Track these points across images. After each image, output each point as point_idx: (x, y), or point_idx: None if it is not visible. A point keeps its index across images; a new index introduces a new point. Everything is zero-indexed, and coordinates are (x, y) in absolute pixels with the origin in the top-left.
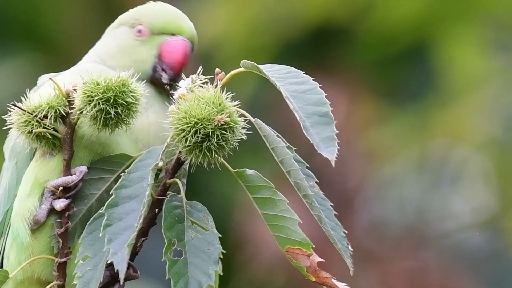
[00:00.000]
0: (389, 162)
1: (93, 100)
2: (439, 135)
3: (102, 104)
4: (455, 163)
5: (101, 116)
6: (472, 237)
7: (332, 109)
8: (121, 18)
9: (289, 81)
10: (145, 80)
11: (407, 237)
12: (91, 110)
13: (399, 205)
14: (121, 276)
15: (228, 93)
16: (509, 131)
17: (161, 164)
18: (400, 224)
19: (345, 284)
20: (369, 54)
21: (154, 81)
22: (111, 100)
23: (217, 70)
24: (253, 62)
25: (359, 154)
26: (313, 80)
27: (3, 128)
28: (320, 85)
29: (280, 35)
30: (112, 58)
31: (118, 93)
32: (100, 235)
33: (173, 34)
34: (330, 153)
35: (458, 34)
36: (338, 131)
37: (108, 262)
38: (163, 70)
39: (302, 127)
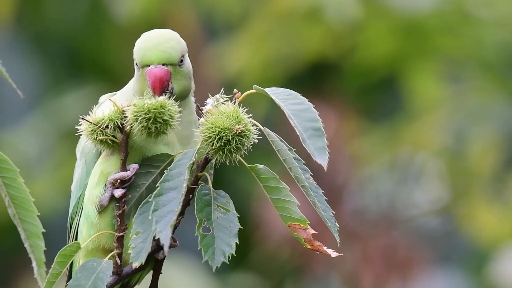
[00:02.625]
0: (368, 165)
1: (138, 119)
2: (405, 144)
3: (145, 122)
4: (418, 165)
5: (145, 131)
6: (430, 221)
7: (324, 125)
8: None
9: (290, 101)
10: (179, 101)
11: (382, 220)
12: (137, 126)
13: (375, 197)
14: (166, 249)
15: (244, 108)
16: (458, 142)
17: (193, 160)
18: (376, 211)
19: (333, 250)
20: (353, 83)
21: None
22: (151, 119)
23: (235, 90)
24: (262, 88)
25: (345, 158)
26: (308, 101)
27: (75, 134)
28: (314, 105)
29: (286, 69)
30: (135, 83)
31: (157, 113)
32: (149, 218)
33: (148, 65)
34: (322, 160)
35: (419, 69)
36: (328, 143)
37: (156, 238)
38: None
39: (301, 139)
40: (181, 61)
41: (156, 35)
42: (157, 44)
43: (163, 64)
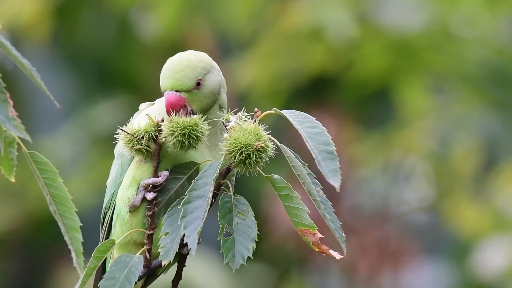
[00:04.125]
0: (364, 167)
1: (174, 133)
2: (396, 148)
3: (180, 137)
4: (407, 167)
5: (179, 144)
6: (419, 216)
7: (336, 148)
8: None
9: (306, 124)
10: (208, 120)
11: (376, 216)
12: (172, 140)
13: (370, 195)
14: (193, 252)
15: (263, 125)
16: (443, 147)
17: (218, 172)
18: (371, 207)
19: (337, 253)
20: (350, 95)
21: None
22: (186, 135)
23: (256, 109)
24: (281, 111)
25: (344, 161)
26: (322, 125)
27: (113, 142)
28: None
29: (291, 83)
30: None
31: (191, 130)
32: (178, 223)
33: (165, 91)
34: (335, 181)
35: (409, 82)
36: (340, 165)
37: (184, 242)
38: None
39: (316, 161)
40: (198, 84)
41: (174, 63)
42: (172, 73)
43: (177, 91)
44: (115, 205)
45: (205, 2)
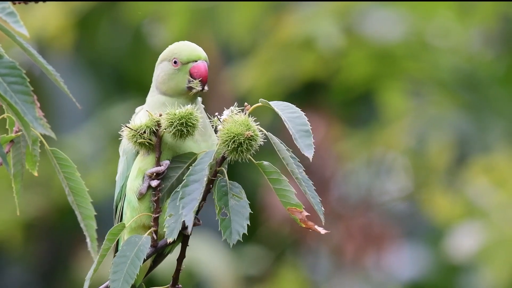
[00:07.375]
0: (350, 161)
1: (173, 124)
2: (379, 145)
3: (179, 126)
4: (388, 161)
5: (178, 133)
6: (398, 204)
7: (311, 127)
8: (162, 55)
9: (287, 111)
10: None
11: (361, 204)
12: (172, 130)
13: (356, 186)
14: (189, 229)
15: (253, 117)
16: (419, 143)
17: (213, 159)
18: (356, 197)
19: (322, 228)
20: (338, 98)
21: (189, 93)
22: (184, 124)
23: (246, 103)
24: (267, 101)
25: (332, 156)
26: (301, 110)
27: (119, 139)
28: (305, 114)
29: (286, 87)
30: (162, 84)
31: (187, 119)
32: (177, 204)
33: (195, 61)
34: (309, 153)
35: (389, 86)
36: (314, 141)
37: (182, 220)
38: (196, 83)
39: (293, 138)
40: None
41: (189, 42)
42: (200, 48)
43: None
44: (125, 195)
45: (209, 15)
